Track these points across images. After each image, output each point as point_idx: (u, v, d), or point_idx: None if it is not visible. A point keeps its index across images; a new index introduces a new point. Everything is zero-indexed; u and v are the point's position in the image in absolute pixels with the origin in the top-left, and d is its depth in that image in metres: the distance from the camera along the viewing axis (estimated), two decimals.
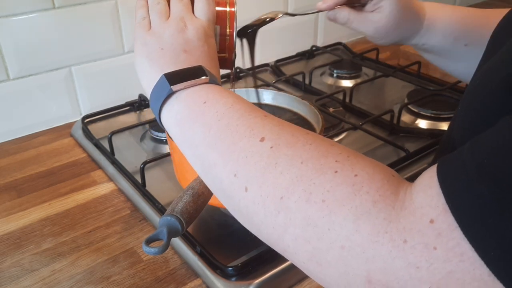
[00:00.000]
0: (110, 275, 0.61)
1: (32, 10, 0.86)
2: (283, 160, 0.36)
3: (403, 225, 0.29)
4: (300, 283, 0.60)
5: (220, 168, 0.40)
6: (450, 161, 0.30)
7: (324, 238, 0.32)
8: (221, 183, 0.40)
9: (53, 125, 0.96)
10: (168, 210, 0.52)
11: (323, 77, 1.15)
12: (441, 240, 0.28)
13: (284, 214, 0.34)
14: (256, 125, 0.40)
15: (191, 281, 0.60)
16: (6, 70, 0.87)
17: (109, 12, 0.95)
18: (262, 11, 0.70)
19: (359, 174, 0.33)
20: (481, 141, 0.29)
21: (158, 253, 0.47)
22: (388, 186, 0.32)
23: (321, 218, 0.32)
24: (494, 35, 0.47)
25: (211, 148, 0.41)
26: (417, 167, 0.79)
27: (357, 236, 0.31)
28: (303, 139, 0.37)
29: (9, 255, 0.64)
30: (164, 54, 0.48)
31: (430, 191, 0.30)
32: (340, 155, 0.35)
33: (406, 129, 0.90)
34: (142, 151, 0.87)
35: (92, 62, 0.97)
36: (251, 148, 0.38)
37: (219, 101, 0.43)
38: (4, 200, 0.75)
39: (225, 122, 0.41)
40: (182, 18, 0.50)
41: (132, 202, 0.74)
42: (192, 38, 0.49)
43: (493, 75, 0.35)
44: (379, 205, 0.31)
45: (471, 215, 0.27)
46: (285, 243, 0.35)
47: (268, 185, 0.36)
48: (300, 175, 0.34)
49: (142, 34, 0.51)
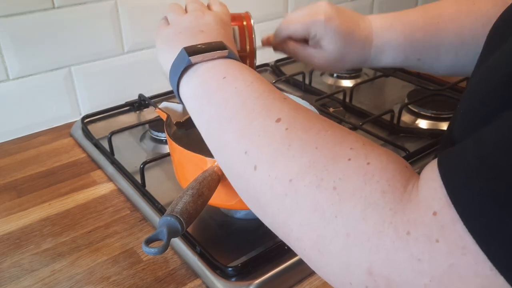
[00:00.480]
0: (110, 275, 0.61)
1: (32, 10, 0.86)
2: (297, 144, 0.35)
3: (407, 217, 0.29)
4: (300, 283, 0.60)
5: (232, 145, 0.39)
6: (452, 154, 0.30)
7: (331, 225, 0.32)
8: (231, 161, 0.40)
9: (53, 125, 0.96)
10: (168, 210, 0.52)
11: (323, 77, 1.15)
12: (444, 232, 0.28)
13: (291, 197, 0.34)
14: (273, 106, 0.39)
15: (191, 281, 0.60)
16: (6, 70, 0.87)
17: (109, 12, 0.95)
18: (262, 11, 0.70)
19: (372, 162, 0.33)
20: (483, 135, 0.29)
21: (158, 253, 0.47)
22: (399, 177, 0.32)
23: (330, 205, 0.32)
24: (490, 36, 0.47)
25: (226, 124, 0.40)
26: (417, 167, 0.79)
27: (363, 225, 0.30)
28: (320, 125, 0.37)
29: (9, 255, 0.64)
30: (183, 35, 0.49)
31: (433, 183, 0.30)
32: (356, 143, 0.35)
33: (406, 129, 0.90)
34: (142, 151, 0.87)
35: (92, 62, 0.97)
36: (265, 128, 0.38)
37: (238, 78, 0.43)
38: (4, 200, 0.75)
39: (242, 100, 0.40)
40: (199, 9, 0.52)
41: (132, 202, 0.74)
42: (209, 22, 0.50)
43: (493, 73, 0.35)
44: (388, 196, 0.31)
45: (473, 208, 0.27)
46: (289, 227, 0.35)
47: (279, 166, 0.35)
48: (313, 161, 0.34)
49: (161, 30, 0.52)
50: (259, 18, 1.16)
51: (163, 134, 0.88)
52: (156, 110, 0.69)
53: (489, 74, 0.36)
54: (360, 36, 0.65)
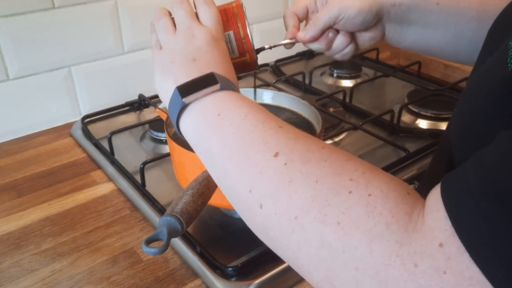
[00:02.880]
0: (110, 275, 0.61)
1: (32, 10, 0.86)
2: (298, 178, 0.36)
3: (414, 249, 0.30)
4: (300, 284, 0.60)
5: (236, 181, 0.40)
6: (454, 181, 0.30)
7: (339, 259, 0.32)
8: (237, 197, 0.41)
9: (53, 125, 0.96)
10: (168, 210, 0.52)
11: (323, 77, 1.15)
12: (451, 264, 0.28)
13: (298, 233, 0.35)
14: (270, 138, 0.40)
15: (191, 281, 0.60)
16: (6, 70, 0.87)
17: (109, 12, 0.95)
18: (262, 11, 0.69)
19: (373, 193, 0.33)
20: (483, 159, 0.29)
21: (158, 253, 0.47)
22: (402, 205, 0.32)
23: (336, 240, 0.32)
24: (490, 33, 0.46)
25: (227, 161, 0.41)
26: (417, 167, 0.79)
27: (371, 258, 0.31)
28: (318, 154, 0.37)
29: (9, 255, 0.64)
30: (176, 66, 0.48)
31: (438, 213, 0.30)
32: (355, 172, 0.35)
33: (406, 129, 0.90)
34: (142, 151, 0.87)
35: (92, 62, 0.97)
36: (265, 163, 0.38)
37: (233, 112, 0.43)
38: (4, 200, 0.75)
39: (239, 135, 0.41)
40: (188, 27, 0.50)
41: (132, 202, 0.74)
42: (201, 45, 0.49)
43: (490, 76, 0.35)
44: (392, 227, 0.31)
45: (477, 237, 0.27)
46: (299, 261, 0.35)
47: (283, 203, 0.36)
48: (315, 195, 0.35)
49: (157, 56, 0.51)
50: (259, 18, 1.16)
51: (163, 134, 0.88)
52: (156, 110, 0.69)
53: (485, 77, 0.36)
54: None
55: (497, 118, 0.32)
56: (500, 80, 0.32)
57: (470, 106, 0.37)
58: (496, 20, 0.46)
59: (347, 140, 0.88)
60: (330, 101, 1.00)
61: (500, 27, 0.45)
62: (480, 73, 0.38)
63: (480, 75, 0.37)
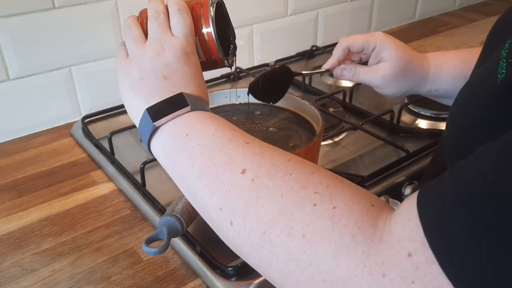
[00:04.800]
0: (110, 275, 0.61)
1: (32, 10, 0.86)
2: (264, 194, 0.37)
3: (381, 259, 0.30)
4: None
5: (206, 200, 0.41)
6: (429, 192, 0.30)
7: (307, 272, 0.33)
8: (209, 215, 0.41)
9: (53, 125, 0.96)
10: (168, 210, 0.52)
11: (323, 77, 1.15)
12: (419, 274, 0.28)
13: (268, 248, 0.35)
14: (237, 155, 0.40)
15: (191, 281, 0.60)
16: (6, 70, 0.87)
17: (109, 12, 0.95)
18: (262, 11, 0.69)
19: (338, 206, 0.33)
20: (460, 172, 0.29)
21: (158, 253, 0.47)
22: (367, 217, 0.32)
23: (302, 252, 0.33)
24: (490, 36, 0.46)
25: (196, 181, 0.42)
26: (417, 167, 0.79)
27: (337, 270, 0.31)
28: (284, 168, 0.38)
29: (9, 255, 0.64)
30: (146, 83, 0.47)
31: (409, 223, 0.30)
32: (319, 185, 0.35)
33: (406, 129, 0.90)
34: (142, 151, 0.87)
35: (92, 62, 0.97)
36: (233, 181, 0.39)
37: (201, 132, 0.43)
38: (4, 200, 0.75)
39: (207, 155, 0.41)
40: (158, 39, 0.48)
41: (132, 202, 0.74)
42: (171, 61, 0.47)
43: (479, 87, 0.35)
44: (358, 238, 0.31)
45: (448, 248, 0.27)
46: (271, 274, 0.36)
47: (252, 219, 0.36)
48: (281, 209, 0.35)
49: (122, 64, 0.50)
50: (259, 18, 1.16)
51: None
52: None
53: (477, 85, 0.36)
54: (416, 53, 0.68)
55: (486, 126, 0.33)
56: (489, 92, 0.32)
57: (460, 119, 0.37)
58: (497, 22, 0.46)
59: (347, 140, 0.88)
60: (330, 101, 1.00)
61: (500, 28, 0.45)
62: (471, 81, 0.38)
63: (470, 83, 0.38)
